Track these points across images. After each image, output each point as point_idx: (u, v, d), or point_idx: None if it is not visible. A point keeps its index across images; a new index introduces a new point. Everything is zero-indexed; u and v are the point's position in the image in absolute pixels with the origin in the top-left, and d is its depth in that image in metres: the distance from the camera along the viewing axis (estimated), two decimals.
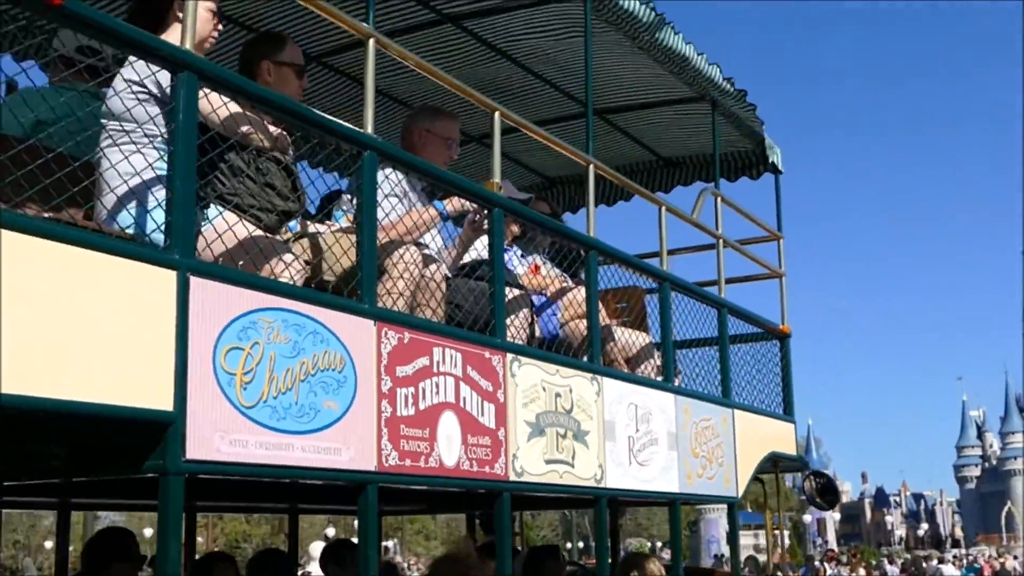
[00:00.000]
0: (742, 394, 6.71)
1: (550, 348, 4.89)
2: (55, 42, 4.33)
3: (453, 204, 4.58)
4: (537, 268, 5.62)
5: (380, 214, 3.84)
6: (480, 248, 5.06)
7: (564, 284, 5.58)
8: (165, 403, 2.76)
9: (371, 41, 3.82)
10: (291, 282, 3.49)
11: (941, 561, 46.55)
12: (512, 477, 4.12)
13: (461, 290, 4.61)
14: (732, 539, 7.06)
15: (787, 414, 7.47)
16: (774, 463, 7.22)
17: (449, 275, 4.66)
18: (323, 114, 3.74)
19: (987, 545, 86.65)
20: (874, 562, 48.57)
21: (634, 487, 5.08)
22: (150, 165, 3.38)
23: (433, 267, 4.28)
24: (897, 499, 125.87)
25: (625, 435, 5.06)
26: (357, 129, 3.70)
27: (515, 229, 5.40)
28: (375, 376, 3.49)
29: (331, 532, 64.37)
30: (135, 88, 3.47)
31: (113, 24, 2.89)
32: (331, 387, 3.30)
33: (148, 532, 29.39)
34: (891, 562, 47.80)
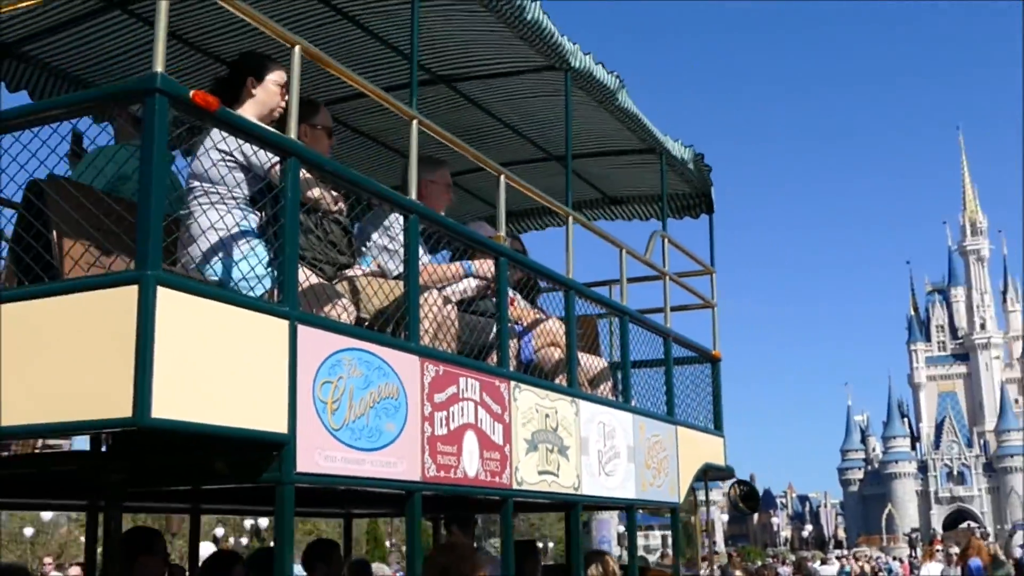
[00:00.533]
0: (682, 412, 7.60)
1: (526, 372, 5.67)
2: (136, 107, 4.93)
3: (482, 269, 5.35)
4: (513, 301, 6.39)
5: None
6: (467, 285, 5.78)
7: (538, 315, 6.37)
8: (281, 427, 3.47)
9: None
10: (349, 323, 4.22)
11: (824, 562, 48.38)
12: (515, 486, 4.90)
13: (459, 324, 5.36)
14: (675, 540, 7.93)
15: (717, 429, 8.39)
16: (705, 472, 8.13)
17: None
18: (374, 181, 4.47)
19: (868, 546, 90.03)
20: (760, 562, 50.34)
21: (602, 494, 5.91)
22: (237, 224, 4.08)
23: (448, 307, 5.02)
24: (783, 500, 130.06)
25: (595, 449, 5.88)
26: (404, 196, 4.45)
27: (517, 275, 6.14)
28: (419, 402, 4.24)
29: (219, 532, 64.28)
30: (227, 158, 4.14)
31: (244, 123, 3.59)
32: (390, 412, 4.04)
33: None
34: (783, 563, 49.59)
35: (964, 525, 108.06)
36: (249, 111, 4.40)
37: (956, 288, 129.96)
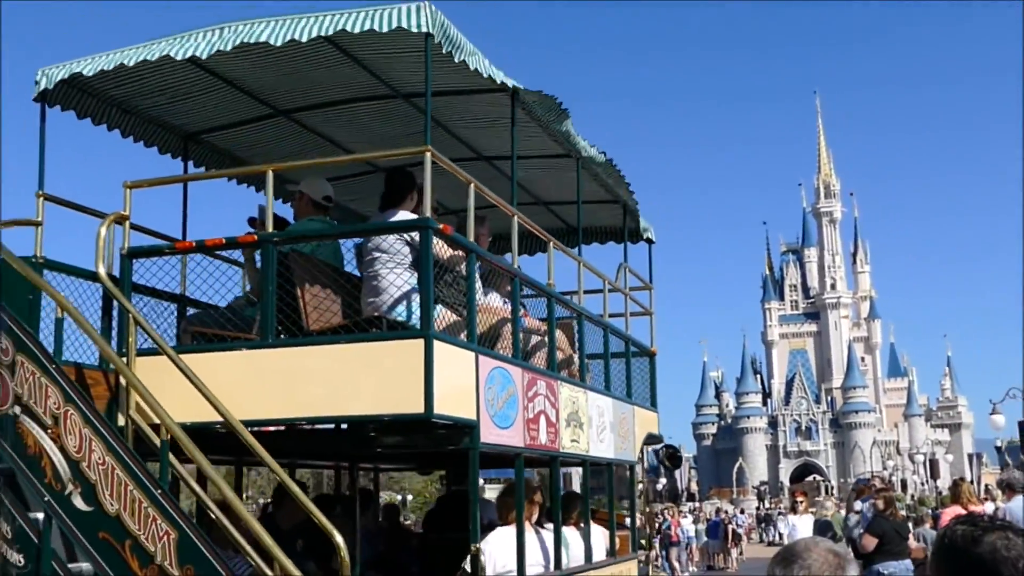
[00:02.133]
0: (635, 395, 10.43)
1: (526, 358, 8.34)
2: (306, 187, 7.35)
3: (532, 324, 7.96)
4: (526, 314, 9.03)
5: (497, 300, 7.24)
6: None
7: (541, 324, 9.01)
8: (472, 415, 6.08)
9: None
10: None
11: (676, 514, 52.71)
12: (560, 450, 7.61)
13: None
14: (631, 488, 10.81)
15: (653, 406, 11.27)
16: (648, 439, 11.01)
17: None
18: (478, 247, 7.07)
19: (719, 498, 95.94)
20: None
21: (598, 455, 8.67)
22: (406, 282, 6.64)
23: (506, 328, 7.65)
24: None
25: (595, 424, 8.63)
26: (509, 262, 7.07)
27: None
28: (521, 397, 6.89)
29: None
30: (400, 237, 6.66)
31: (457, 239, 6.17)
32: (512, 404, 6.68)
33: None
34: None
35: (810, 478, 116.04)
36: (409, 207, 6.93)
37: (809, 249, 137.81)
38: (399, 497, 73.23)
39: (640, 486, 12.44)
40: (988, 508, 14.09)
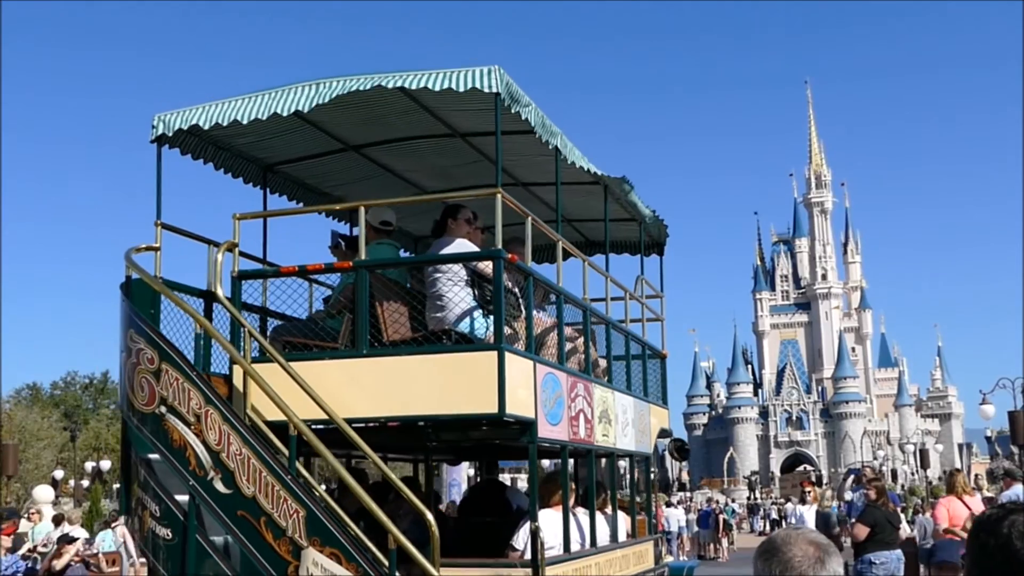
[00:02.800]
0: (649, 393, 11.67)
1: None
2: (368, 216, 8.53)
3: (579, 344, 9.18)
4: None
5: (540, 312, 8.47)
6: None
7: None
8: (531, 414, 7.30)
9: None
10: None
11: (668, 505, 54.17)
12: (595, 443, 8.85)
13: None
14: (647, 479, 12.05)
15: (664, 403, 12.51)
16: (660, 433, 12.27)
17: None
18: (526, 266, 8.27)
19: (710, 488, 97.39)
20: None
21: (622, 448, 9.91)
22: (464, 299, 7.84)
23: (550, 337, 8.86)
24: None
25: (620, 420, 9.87)
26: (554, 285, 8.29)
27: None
28: (566, 398, 8.11)
29: (59, 474, 66.26)
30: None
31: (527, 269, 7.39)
32: (560, 404, 7.91)
33: None
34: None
35: (800, 468, 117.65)
36: (455, 232, 8.13)
37: (800, 239, 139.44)
38: None
39: (653, 475, 13.66)
40: (978, 498, 14.53)
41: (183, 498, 6.42)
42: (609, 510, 10.03)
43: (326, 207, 8.95)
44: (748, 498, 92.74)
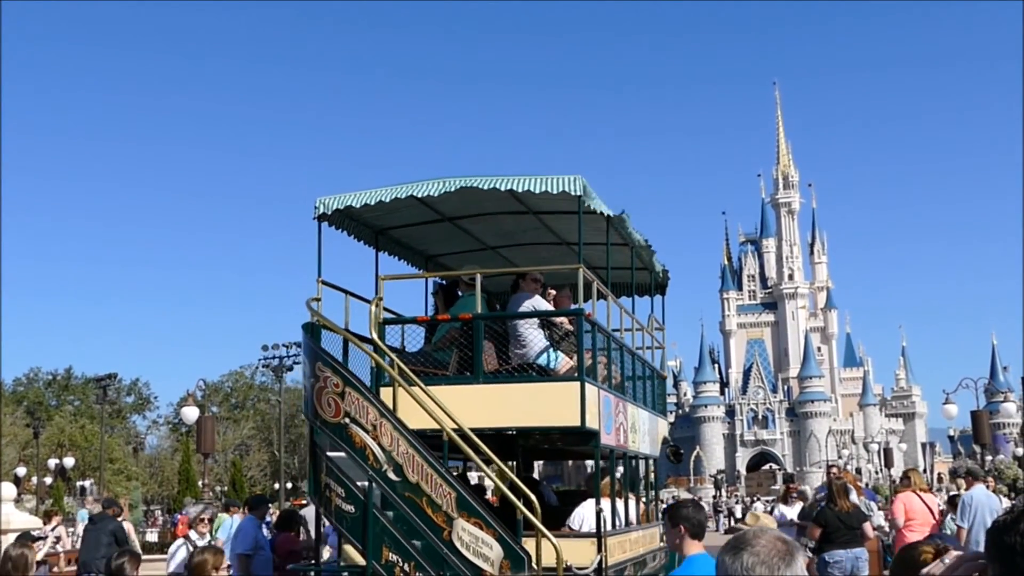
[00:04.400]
0: (656, 407, 14.83)
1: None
2: (466, 269, 11.59)
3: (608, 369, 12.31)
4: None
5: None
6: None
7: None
8: (596, 426, 10.39)
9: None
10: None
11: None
12: (629, 448, 11.97)
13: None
14: (647, 478, 15.23)
15: (664, 415, 15.67)
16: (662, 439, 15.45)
17: None
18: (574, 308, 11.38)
19: (676, 487, 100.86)
20: None
21: (643, 452, 13.06)
22: (540, 339, 10.94)
23: (598, 366, 11.95)
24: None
25: (641, 430, 13.00)
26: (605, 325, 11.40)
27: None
28: (614, 414, 11.22)
29: (21, 471, 68.16)
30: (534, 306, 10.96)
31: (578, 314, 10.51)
32: (609, 418, 11.01)
33: None
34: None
35: (766, 467, 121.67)
36: (526, 289, 11.18)
37: (767, 239, 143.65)
38: None
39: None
40: (938, 497, 15.99)
41: (363, 484, 9.44)
42: (633, 500, 13.20)
43: (445, 273, 12.06)
44: (714, 496, 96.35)
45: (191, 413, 34.05)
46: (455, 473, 12.67)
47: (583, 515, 11.61)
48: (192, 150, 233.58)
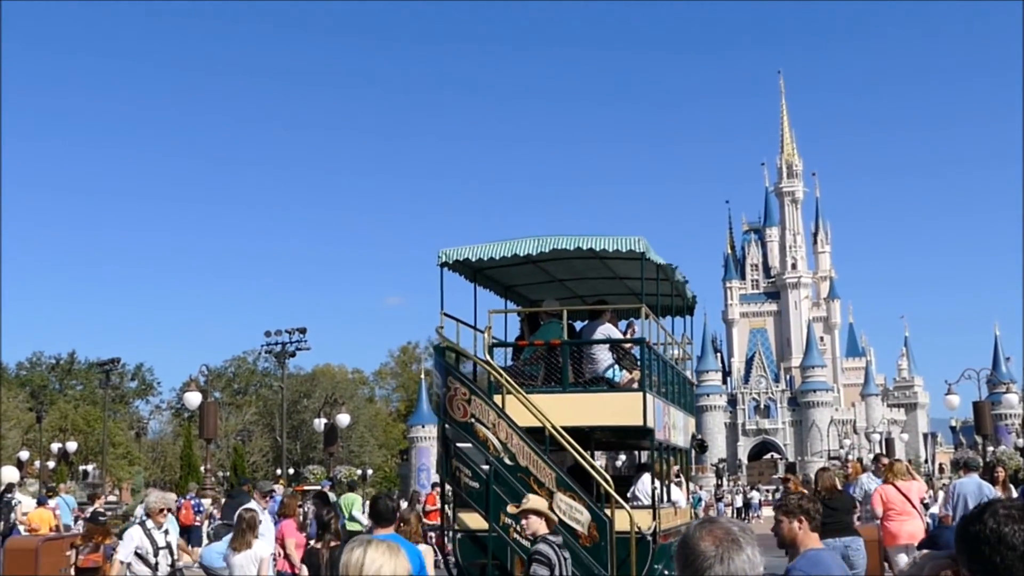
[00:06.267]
0: (687, 407, 18.72)
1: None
2: (547, 303, 15.46)
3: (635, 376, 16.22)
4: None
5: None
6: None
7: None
8: (652, 424, 14.26)
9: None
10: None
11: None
12: (670, 442, 15.87)
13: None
14: (680, 465, 19.22)
15: (692, 414, 19.58)
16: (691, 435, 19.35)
17: None
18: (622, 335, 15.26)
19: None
20: None
21: (679, 445, 16.97)
22: (606, 358, 14.83)
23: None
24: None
25: (678, 427, 16.88)
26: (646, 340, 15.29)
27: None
28: (662, 415, 15.08)
29: (24, 455, 70.42)
30: (603, 330, 14.82)
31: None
32: (660, 418, 14.88)
33: None
34: None
35: (768, 456, 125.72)
36: (599, 317, 15.05)
37: (771, 228, 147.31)
38: (358, 472, 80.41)
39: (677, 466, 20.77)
40: (915, 484, 16.53)
41: (485, 468, 13.30)
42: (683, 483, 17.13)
43: (537, 309, 15.93)
44: (717, 485, 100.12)
45: (194, 398, 35.27)
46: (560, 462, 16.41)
47: (643, 489, 15.34)
48: (188, 140, 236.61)
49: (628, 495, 15.42)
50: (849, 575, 5.58)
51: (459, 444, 13.63)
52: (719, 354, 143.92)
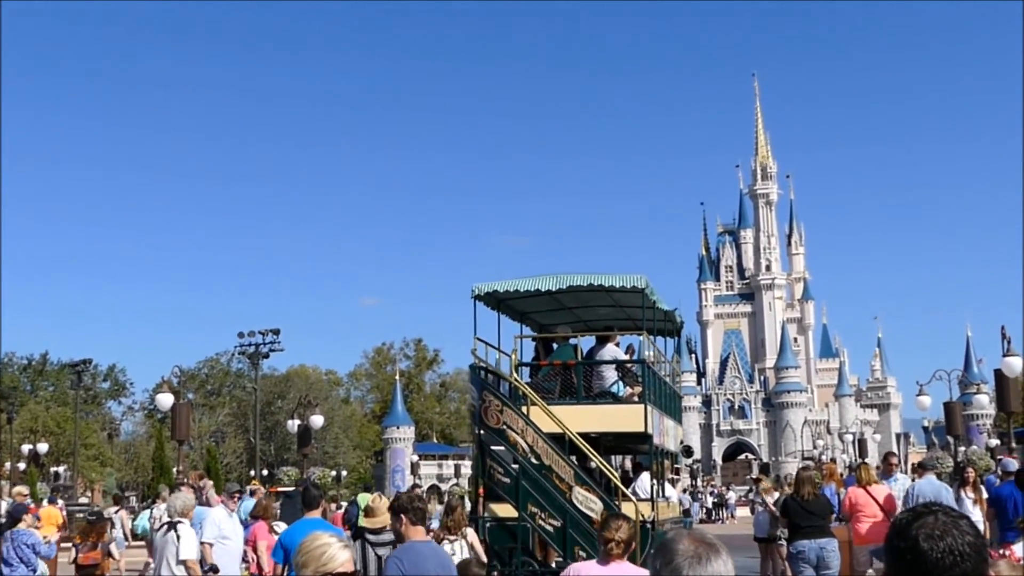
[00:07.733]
0: (677, 416, 22.05)
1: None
2: (559, 329, 18.74)
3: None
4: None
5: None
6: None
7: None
8: (651, 431, 17.55)
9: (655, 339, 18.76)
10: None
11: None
12: (665, 447, 19.17)
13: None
14: (666, 467, 22.56)
15: (680, 423, 22.91)
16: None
17: None
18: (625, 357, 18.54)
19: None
20: None
21: (671, 449, 20.30)
22: (612, 376, 18.16)
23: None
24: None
25: (670, 433, 20.19)
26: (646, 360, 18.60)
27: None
28: (659, 423, 18.37)
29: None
30: (611, 351, 18.13)
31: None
32: (658, 426, 18.16)
33: None
34: None
35: (742, 457, 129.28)
36: (607, 340, 18.36)
37: (745, 230, 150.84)
38: (333, 472, 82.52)
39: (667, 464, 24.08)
40: (883, 487, 17.00)
41: (515, 466, 16.55)
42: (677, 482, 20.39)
43: (554, 335, 19.16)
44: (692, 486, 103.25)
45: (166, 400, 35.40)
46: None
47: (643, 486, 18.59)
48: (161, 142, 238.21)
49: (629, 491, 18.65)
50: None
51: (493, 447, 16.85)
52: (694, 355, 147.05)
